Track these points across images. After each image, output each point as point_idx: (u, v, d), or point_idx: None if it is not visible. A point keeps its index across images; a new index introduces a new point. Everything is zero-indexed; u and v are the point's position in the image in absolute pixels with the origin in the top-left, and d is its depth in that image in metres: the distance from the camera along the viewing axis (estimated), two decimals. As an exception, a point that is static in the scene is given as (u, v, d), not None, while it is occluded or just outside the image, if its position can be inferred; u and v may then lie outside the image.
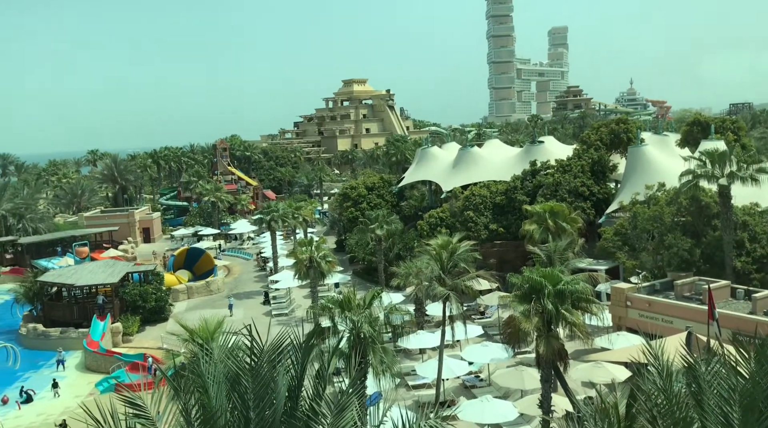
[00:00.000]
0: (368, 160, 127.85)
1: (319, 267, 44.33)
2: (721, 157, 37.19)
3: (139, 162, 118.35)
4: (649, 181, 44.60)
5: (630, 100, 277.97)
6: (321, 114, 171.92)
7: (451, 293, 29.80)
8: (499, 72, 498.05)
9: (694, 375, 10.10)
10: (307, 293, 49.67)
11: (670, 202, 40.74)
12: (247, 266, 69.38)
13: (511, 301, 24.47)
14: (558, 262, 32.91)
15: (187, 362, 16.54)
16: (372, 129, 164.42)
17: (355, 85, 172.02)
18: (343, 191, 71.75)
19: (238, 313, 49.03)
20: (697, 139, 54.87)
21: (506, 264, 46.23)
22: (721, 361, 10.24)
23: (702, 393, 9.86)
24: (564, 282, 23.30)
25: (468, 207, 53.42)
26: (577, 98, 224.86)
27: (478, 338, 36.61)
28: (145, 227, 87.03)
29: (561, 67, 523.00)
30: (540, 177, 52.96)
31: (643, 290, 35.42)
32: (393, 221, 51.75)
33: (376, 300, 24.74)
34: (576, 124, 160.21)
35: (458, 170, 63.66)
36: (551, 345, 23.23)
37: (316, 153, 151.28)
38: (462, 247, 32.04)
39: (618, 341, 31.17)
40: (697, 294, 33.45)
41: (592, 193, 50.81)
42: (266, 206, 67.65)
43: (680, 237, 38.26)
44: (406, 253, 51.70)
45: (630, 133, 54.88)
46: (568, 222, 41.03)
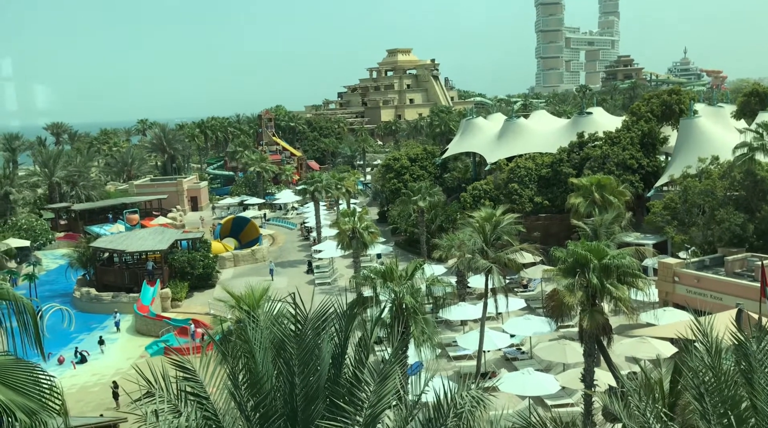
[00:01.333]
0: (411, 131, 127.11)
1: (362, 238, 44.62)
2: (780, 129, 35.75)
3: (187, 132, 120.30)
4: (701, 154, 43.23)
5: (683, 70, 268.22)
6: (365, 84, 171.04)
7: (493, 266, 29.64)
8: (547, 41, 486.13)
9: (745, 353, 9.87)
10: (349, 263, 50.15)
11: (723, 175, 39.48)
12: (291, 235, 70.35)
13: (555, 275, 24.20)
14: (604, 236, 32.39)
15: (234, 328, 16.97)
16: (416, 99, 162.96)
17: (400, 55, 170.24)
18: (386, 162, 71.66)
19: (281, 281, 49.90)
20: (755, 110, 52.79)
21: (551, 238, 45.64)
22: (774, 340, 9.98)
23: (753, 371, 9.63)
24: (610, 257, 22.91)
25: (512, 179, 52.77)
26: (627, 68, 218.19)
27: (521, 311, 36.45)
28: (193, 196, 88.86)
29: (612, 35, 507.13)
30: (587, 149, 51.87)
31: (692, 266, 34.61)
32: (436, 193, 51.57)
33: (418, 271, 24.82)
34: (626, 94, 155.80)
35: (503, 142, 62.76)
36: (595, 319, 22.97)
37: (359, 124, 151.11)
38: (506, 220, 31.77)
39: (664, 317, 30.63)
40: (749, 270, 32.51)
41: (641, 165, 49.56)
42: (310, 176, 68.18)
43: (733, 212, 37.10)
44: (448, 225, 51.49)
45: (682, 104, 53.07)
46: (615, 195, 40.23)
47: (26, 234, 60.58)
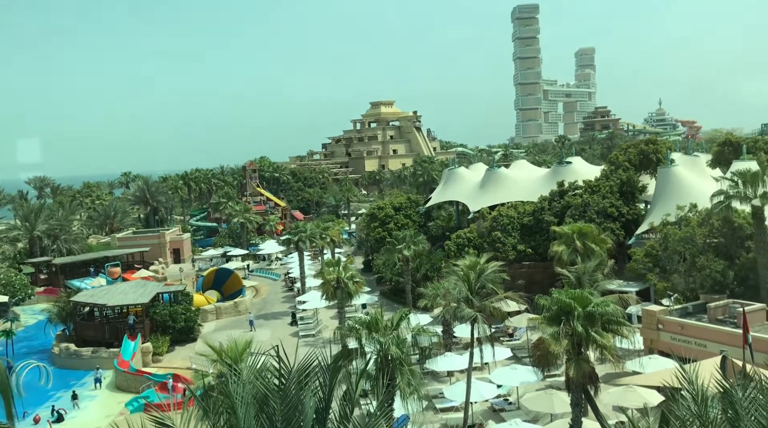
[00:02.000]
0: (395, 180, 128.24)
1: (347, 288, 44.35)
2: (754, 177, 36.58)
3: (171, 184, 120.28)
4: (680, 202, 43.96)
5: (659, 121, 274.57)
6: (349, 136, 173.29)
7: (479, 314, 29.53)
8: (525, 93, 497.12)
9: (731, 401, 9.88)
10: (334, 314, 49.68)
11: (701, 223, 40.08)
12: (274, 286, 69.75)
13: (540, 323, 24.16)
14: (587, 284, 32.51)
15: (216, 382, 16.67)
16: (399, 150, 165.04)
17: (383, 107, 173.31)
18: (371, 211, 71.94)
19: (265, 334, 49.21)
20: (729, 159, 54.01)
21: (535, 286, 45.71)
22: (759, 387, 10.02)
23: (739, 419, 9.64)
24: (594, 304, 22.97)
25: (495, 227, 53.14)
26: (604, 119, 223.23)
27: (507, 360, 36.17)
28: (176, 248, 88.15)
29: (588, 87, 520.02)
30: (568, 197, 52.54)
31: (675, 313, 34.75)
32: (420, 241, 51.65)
33: (403, 321, 24.65)
34: (604, 144, 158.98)
35: (485, 191, 63.46)
36: (581, 368, 22.86)
37: (343, 174, 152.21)
38: (490, 268, 31.80)
39: (650, 364, 30.54)
40: (731, 317, 32.70)
41: (621, 213, 50.21)
42: (294, 226, 68.13)
43: (713, 259, 37.53)
44: (433, 274, 51.42)
45: (659, 153, 54.23)
46: (596, 243, 40.56)
47: (5, 290, 59.45)
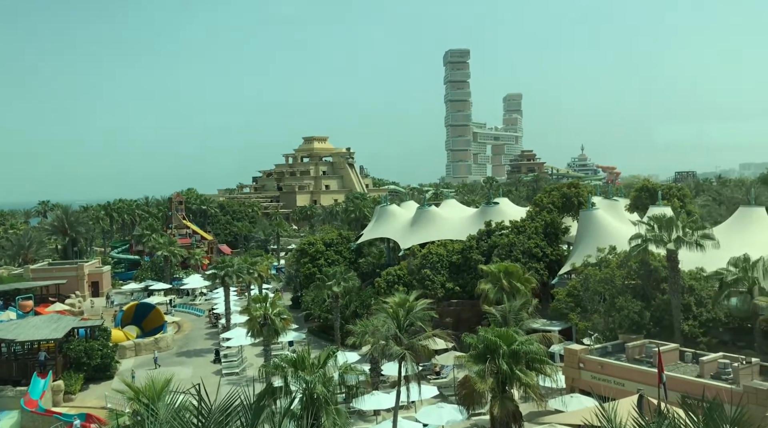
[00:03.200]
0: (327, 216, 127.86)
1: (273, 325, 43.48)
2: (669, 222, 38.52)
3: (92, 214, 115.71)
4: (600, 244, 45.70)
5: (581, 166, 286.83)
6: (280, 169, 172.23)
7: (407, 352, 29.52)
8: (456, 135, 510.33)
9: (646, 439, 10.19)
10: (259, 351, 48.53)
11: (620, 265, 41.73)
12: (198, 323, 67.62)
13: (466, 361, 24.38)
14: (513, 322, 33.12)
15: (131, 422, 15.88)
16: (331, 186, 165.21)
17: (316, 143, 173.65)
18: (301, 247, 71.30)
19: (186, 372, 47.45)
20: (646, 204, 56.82)
21: (462, 323, 46.22)
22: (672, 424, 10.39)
23: (653, 456, 9.93)
24: (518, 343, 23.40)
25: (425, 265, 53.66)
26: (530, 162, 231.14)
27: (433, 399, 36.15)
28: (94, 281, 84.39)
29: (515, 131, 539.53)
30: (495, 237, 53.78)
31: (596, 352, 35.77)
32: (350, 278, 51.48)
33: (330, 359, 24.33)
34: (529, 186, 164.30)
35: (416, 228, 64.17)
36: (505, 406, 23.11)
37: (274, 208, 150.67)
38: (419, 305, 31.96)
39: (571, 403, 31.18)
40: (648, 356, 33.95)
41: (545, 254, 51.74)
42: (221, 261, 66.62)
43: (631, 300, 39.04)
44: (363, 311, 51.24)
45: (581, 196, 56.52)
46: (522, 282, 41.52)
47: None
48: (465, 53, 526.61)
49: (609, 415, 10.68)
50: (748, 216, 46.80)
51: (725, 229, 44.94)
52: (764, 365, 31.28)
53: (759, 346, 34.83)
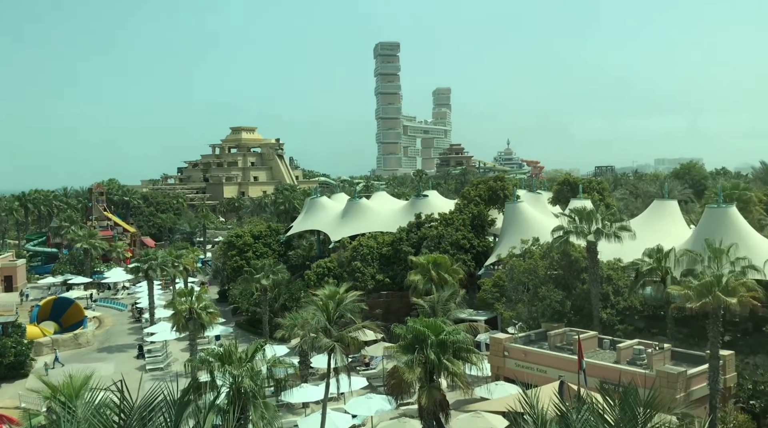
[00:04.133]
0: (255, 208, 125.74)
1: (200, 319, 42.52)
2: (589, 215, 40.02)
3: (5, 205, 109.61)
4: (524, 236, 47.04)
5: (507, 159, 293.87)
6: (207, 160, 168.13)
7: (336, 344, 29.51)
8: (386, 128, 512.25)
9: (566, 424, 10.59)
10: (185, 346, 47.43)
11: (543, 255, 43.09)
12: (120, 317, 65.42)
13: (395, 352, 24.64)
14: (441, 313, 33.68)
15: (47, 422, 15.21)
16: (260, 177, 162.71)
17: (244, 133, 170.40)
18: (228, 239, 69.99)
19: (108, 368, 45.81)
20: (567, 197, 58.82)
21: (392, 315, 46.62)
22: (590, 409, 10.83)
23: (573, 439, 10.33)
24: (446, 333, 23.82)
25: (355, 257, 53.75)
26: (459, 156, 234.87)
27: (363, 390, 36.35)
28: (7, 275, 80.00)
29: (444, 125, 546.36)
30: (424, 229, 54.45)
31: (520, 340, 36.83)
32: (279, 271, 51.00)
33: (258, 352, 24.05)
34: (458, 180, 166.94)
35: (347, 221, 64.15)
36: (433, 395, 23.50)
37: (200, 200, 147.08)
38: (349, 297, 31.98)
39: (496, 390, 32.03)
40: (569, 344, 35.24)
41: (472, 245, 52.81)
42: (144, 254, 64.59)
43: (553, 290, 40.40)
44: (292, 304, 50.85)
45: (506, 190, 57.98)
46: (450, 273, 42.26)
47: None
48: (395, 46, 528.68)
49: (531, 401, 11.02)
50: (662, 209, 49.22)
51: (641, 221, 47.11)
52: (675, 350, 33.08)
53: (671, 332, 36.78)
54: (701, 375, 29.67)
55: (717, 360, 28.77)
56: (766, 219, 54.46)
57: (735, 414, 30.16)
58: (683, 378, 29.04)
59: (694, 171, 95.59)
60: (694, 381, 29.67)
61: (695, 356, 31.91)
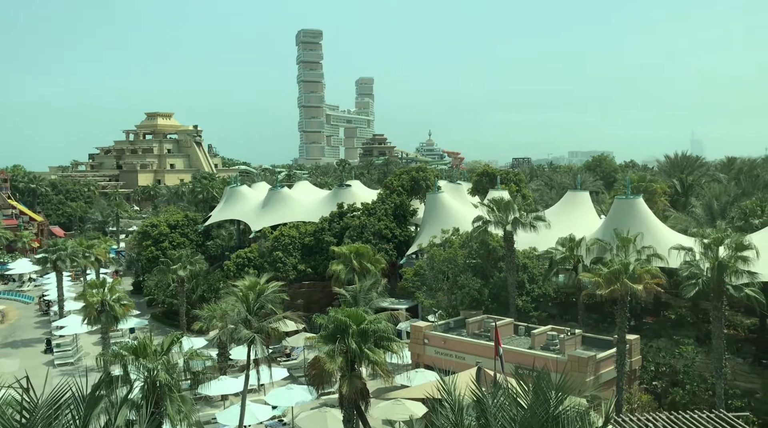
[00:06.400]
0: (172, 196, 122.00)
1: (113, 311, 40.92)
2: (506, 205, 41.14)
3: None
4: (444, 226, 47.86)
5: (428, 150, 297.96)
6: (121, 147, 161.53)
7: (256, 336, 29.15)
8: (309, 116, 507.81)
9: (482, 409, 10.87)
10: (97, 339, 45.60)
11: (462, 245, 44.01)
12: (26, 310, 62.16)
13: (317, 342, 24.56)
14: (362, 302, 33.80)
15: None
16: (177, 165, 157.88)
17: (160, 119, 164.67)
18: (143, 229, 67.64)
19: (12, 365, 43.40)
20: (486, 188, 60.29)
21: (314, 305, 46.45)
22: (506, 394, 11.15)
23: (489, 425, 10.62)
24: (367, 322, 23.93)
25: (277, 247, 53.14)
26: (381, 146, 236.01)
27: (283, 381, 36.11)
28: None
29: (367, 115, 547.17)
30: (347, 219, 54.45)
31: (439, 328, 37.52)
32: (197, 261, 49.85)
33: (175, 345, 23.38)
34: (381, 170, 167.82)
35: (268, 210, 63.26)
36: (354, 384, 23.60)
37: (113, 187, 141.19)
38: (270, 288, 31.64)
39: (416, 378, 32.55)
40: (486, 331, 36.22)
41: (394, 235, 53.27)
42: (52, 244, 61.43)
43: (471, 278, 41.37)
44: (210, 295, 49.85)
45: (428, 180, 58.78)
46: (372, 263, 42.49)
47: None
48: (317, 34, 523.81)
49: (449, 388, 11.25)
50: (575, 199, 51.25)
51: (555, 212, 48.89)
52: (586, 335, 34.60)
53: (582, 318, 38.44)
54: (609, 359, 31.17)
55: (624, 344, 30.28)
56: (670, 210, 57.79)
57: (639, 395, 31.93)
58: (593, 362, 30.43)
59: (605, 163, 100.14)
60: (602, 365, 31.14)
61: (604, 341, 33.48)
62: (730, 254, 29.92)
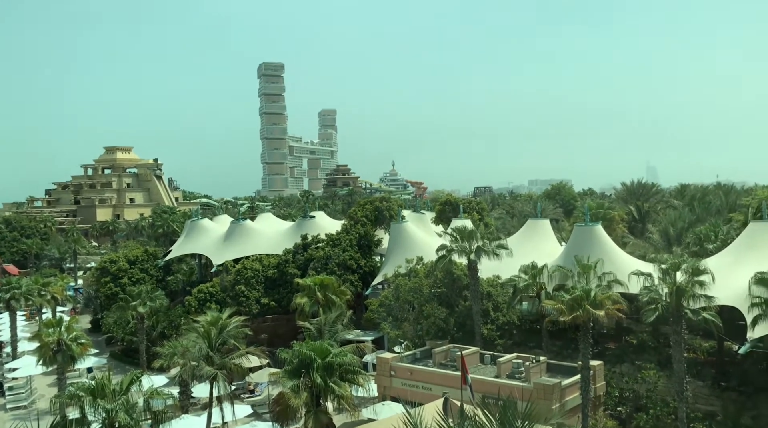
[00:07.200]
0: (132, 231, 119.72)
1: (69, 351, 39.60)
2: (470, 234, 41.51)
3: None
4: (409, 255, 47.96)
5: (392, 180, 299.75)
6: (78, 181, 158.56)
7: (219, 372, 28.57)
8: (271, 148, 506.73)
9: (448, 440, 10.79)
10: (52, 381, 44.06)
11: (427, 274, 44.11)
12: (-23, 353, 59.61)
13: (281, 377, 24.19)
14: (327, 335, 33.50)
15: None
16: (137, 199, 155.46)
17: (119, 153, 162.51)
18: (102, 265, 66.09)
19: (-39, 410, 41.62)
20: (449, 217, 60.80)
21: (278, 339, 45.82)
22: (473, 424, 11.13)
23: (455, 456, 10.54)
24: (333, 355, 23.72)
25: (239, 281, 52.47)
26: (345, 176, 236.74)
27: (247, 418, 35.30)
28: None
29: (331, 146, 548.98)
30: (311, 250, 54.16)
31: (406, 359, 37.31)
32: (158, 297, 48.91)
33: (134, 384, 22.77)
34: (345, 200, 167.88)
35: (230, 243, 62.56)
36: (319, 420, 23.26)
37: (70, 223, 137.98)
38: (232, 323, 31.20)
39: (383, 411, 32.17)
40: (452, 361, 36.14)
41: (359, 265, 53.14)
42: (5, 282, 59.52)
43: (437, 308, 41.39)
44: (171, 331, 48.80)
45: (392, 210, 59.06)
46: (337, 294, 42.22)
47: None
48: (279, 67, 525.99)
49: (415, 420, 11.17)
50: (536, 227, 52.00)
51: (517, 239, 49.48)
52: (551, 362, 34.81)
53: (546, 345, 38.70)
54: (574, 386, 31.38)
55: (588, 371, 30.55)
56: (628, 237, 59.02)
57: (604, 421, 32.15)
58: (558, 389, 30.58)
59: (564, 191, 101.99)
60: (568, 392, 31.33)
61: (569, 367, 33.72)
62: (687, 279, 30.63)
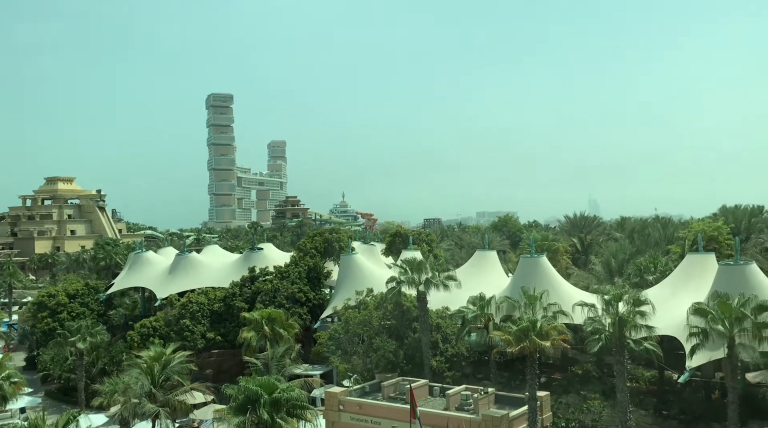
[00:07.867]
0: (72, 264, 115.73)
1: (1, 390, 37.78)
2: (419, 265, 41.81)
3: None
4: (359, 287, 47.85)
5: (342, 212, 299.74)
6: (16, 213, 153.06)
7: (161, 410, 27.69)
8: (219, 179, 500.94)
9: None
10: (-18, 423, 41.75)
11: (377, 306, 44.04)
12: None
13: (226, 414, 23.62)
14: (275, 370, 32.96)
15: None
16: (78, 231, 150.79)
17: (61, 183, 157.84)
18: (39, 299, 63.52)
19: None
20: (399, 248, 61.09)
21: (224, 374, 44.77)
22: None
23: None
24: (280, 391, 23.34)
25: (184, 315, 51.28)
26: (295, 208, 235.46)
27: (191, 457, 34.13)
28: None
29: (280, 177, 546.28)
30: (259, 283, 53.43)
31: (355, 393, 36.92)
32: (98, 332, 47.39)
33: (71, 424, 21.87)
34: (294, 232, 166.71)
35: (175, 276, 61.21)
36: (267, 457, 22.73)
37: (6, 256, 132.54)
38: (176, 358, 30.45)
39: (332, 446, 31.65)
40: (402, 394, 35.93)
41: (308, 298, 52.68)
42: (-67, 319, 56.55)
43: (386, 340, 41.27)
44: (112, 368, 47.10)
45: (342, 241, 58.98)
46: (285, 328, 41.67)
47: None
48: (228, 98, 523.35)
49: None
50: (484, 258, 52.76)
51: (465, 270, 50.06)
52: (499, 394, 35.04)
53: (494, 376, 38.98)
54: (522, 417, 31.60)
55: (535, 402, 30.86)
56: (572, 268, 60.46)
57: (552, 451, 32.41)
58: (506, 420, 30.75)
59: (510, 223, 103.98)
60: (515, 423, 31.51)
61: (516, 398, 33.99)
62: (629, 309, 31.51)
